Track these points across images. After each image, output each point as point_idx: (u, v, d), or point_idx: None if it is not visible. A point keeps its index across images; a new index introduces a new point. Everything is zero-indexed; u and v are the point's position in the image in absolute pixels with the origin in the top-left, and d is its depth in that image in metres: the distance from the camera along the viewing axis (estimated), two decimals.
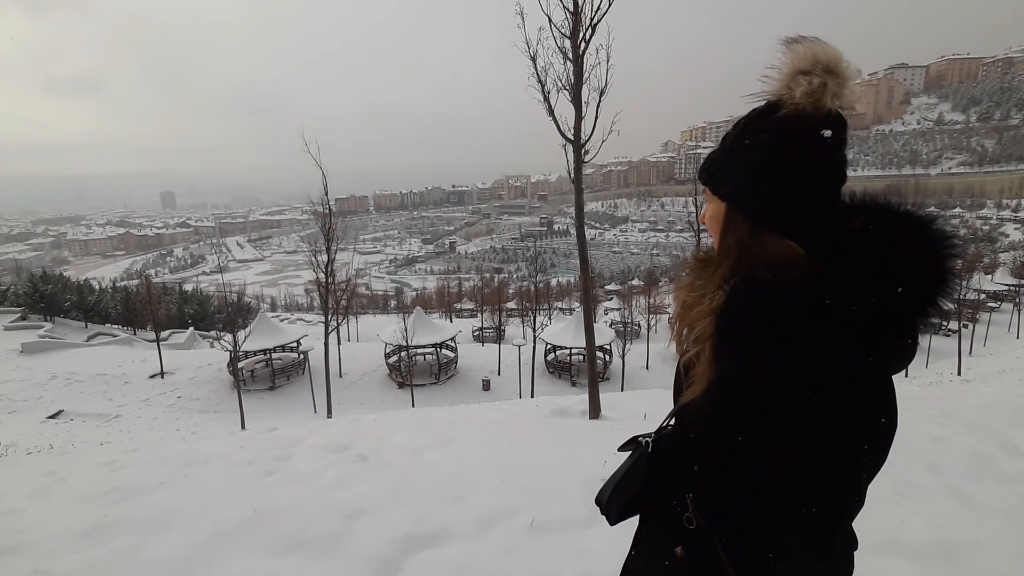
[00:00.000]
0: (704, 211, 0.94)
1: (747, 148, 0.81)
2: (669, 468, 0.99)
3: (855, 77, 0.76)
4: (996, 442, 4.33)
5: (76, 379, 20.64)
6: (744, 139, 0.82)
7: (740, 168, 0.82)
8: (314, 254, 15.13)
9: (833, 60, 0.75)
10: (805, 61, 0.75)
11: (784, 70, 0.77)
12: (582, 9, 5.28)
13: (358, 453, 4.26)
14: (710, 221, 0.91)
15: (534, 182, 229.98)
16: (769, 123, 0.78)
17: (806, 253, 0.76)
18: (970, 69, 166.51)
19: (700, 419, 0.88)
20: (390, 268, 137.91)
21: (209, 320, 40.35)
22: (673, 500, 0.95)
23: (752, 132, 0.81)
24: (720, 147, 0.88)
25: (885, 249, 0.72)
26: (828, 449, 0.72)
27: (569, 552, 2.49)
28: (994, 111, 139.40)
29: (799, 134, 0.76)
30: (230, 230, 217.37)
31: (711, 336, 0.83)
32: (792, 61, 0.76)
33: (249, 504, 3.07)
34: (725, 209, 0.87)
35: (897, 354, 0.75)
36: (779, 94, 0.77)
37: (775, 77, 0.78)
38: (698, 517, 0.89)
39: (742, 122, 0.84)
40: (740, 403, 0.79)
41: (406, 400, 19.53)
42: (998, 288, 38.59)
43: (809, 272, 0.74)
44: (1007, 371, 18.63)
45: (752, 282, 0.79)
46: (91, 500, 3.44)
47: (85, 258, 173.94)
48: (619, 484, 1.05)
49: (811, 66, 0.75)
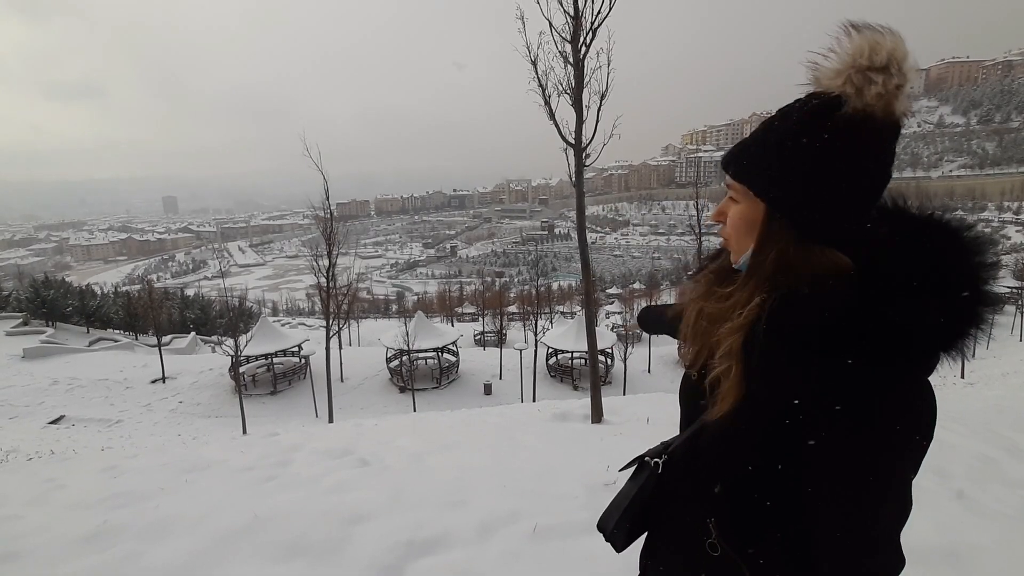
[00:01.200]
0: (718, 211, 0.83)
1: (805, 148, 0.70)
2: (684, 490, 0.90)
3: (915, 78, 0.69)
4: (1001, 446, 4.30)
5: (78, 384, 20.65)
6: (802, 137, 0.71)
7: (795, 169, 0.71)
8: (315, 258, 15.12)
9: (905, 58, 0.67)
10: (878, 56, 0.66)
11: (847, 61, 0.68)
12: (583, 13, 5.29)
13: (359, 458, 4.24)
14: (739, 223, 0.79)
15: (535, 186, 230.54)
16: (835, 123, 0.68)
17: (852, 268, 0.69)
18: (970, 72, 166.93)
19: (722, 441, 0.81)
20: (391, 272, 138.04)
21: (211, 325, 40.40)
22: (692, 526, 0.87)
23: (812, 130, 0.70)
24: (762, 140, 0.76)
25: (929, 262, 0.67)
26: (878, 482, 0.67)
27: (572, 558, 2.46)
28: (994, 114, 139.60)
29: (866, 140, 0.68)
30: (232, 235, 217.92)
31: (740, 353, 0.76)
32: (858, 52, 0.67)
33: (249, 510, 3.05)
34: (764, 212, 0.76)
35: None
36: (841, 89, 0.68)
37: (831, 68, 0.70)
38: (723, 543, 0.82)
39: (794, 116, 0.73)
40: (774, 428, 0.72)
41: (407, 404, 19.50)
42: (1001, 290, 38.49)
43: (856, 287, 0.67)
44: (1011, 374, 18.57)
45: (795, 298, 0.71)
46: (91, 506, 3.42)
47: (87, 263, 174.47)
48: (627, 508, 0.95)
49: (886, 63, 0.66)
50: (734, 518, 0.82)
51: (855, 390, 0.65)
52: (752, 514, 0.80)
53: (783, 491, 0.76)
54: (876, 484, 0.66)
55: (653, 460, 0.95)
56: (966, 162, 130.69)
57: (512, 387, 21.94)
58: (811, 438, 0.68)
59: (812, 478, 0.71)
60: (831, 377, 0.66)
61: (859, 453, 0.66)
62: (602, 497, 3.06)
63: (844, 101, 0.68)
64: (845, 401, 0.65)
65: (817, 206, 0.71)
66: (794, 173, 0.72)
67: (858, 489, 0.67)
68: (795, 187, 0.72)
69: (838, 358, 0.65)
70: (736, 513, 0.81)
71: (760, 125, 0.78)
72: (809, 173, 0.71)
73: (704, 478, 0.85)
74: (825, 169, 0.70)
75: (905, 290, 0.66)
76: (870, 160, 0.70)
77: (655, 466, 0.94)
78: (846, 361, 0.65)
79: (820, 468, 0.69)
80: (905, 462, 0.68)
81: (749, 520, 0.80)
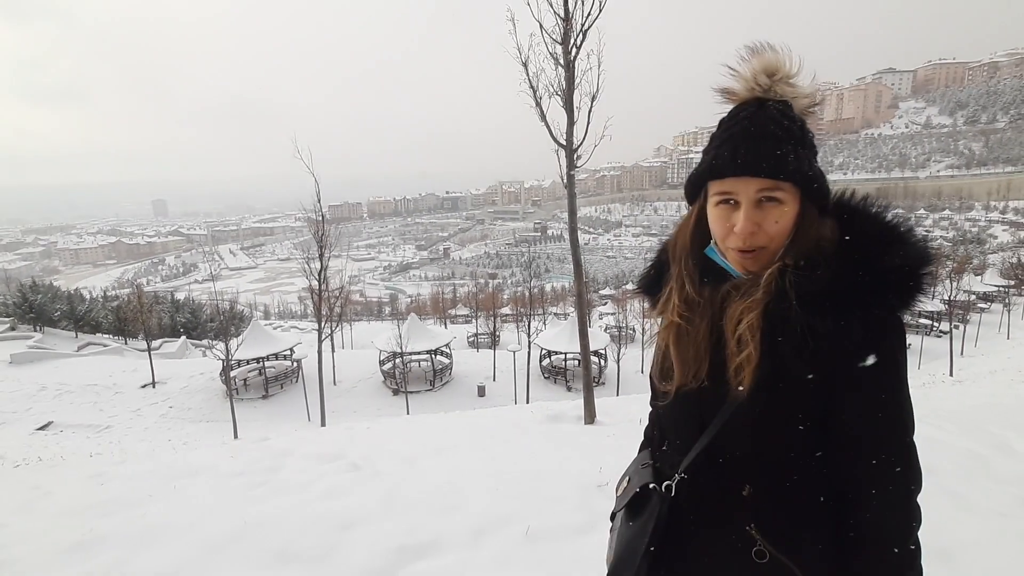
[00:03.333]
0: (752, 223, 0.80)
1: (801, 139, 0.82)
2: (709, 505, 0.86)
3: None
4: (990, 443, 4.33)
5: (66, 390, 20.38)
6: (807, 132, 0.84)
7: (809, 157, 0.82)
8: (307, 261, 15.03)
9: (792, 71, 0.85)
10: (786, 69, 0.83)
11: (751, 73, 0.83)
12: (573, 15, 5.30)
13: (351, 462, 4.21)
14: (788, 223, 0.81)
15: (528, 188, 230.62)
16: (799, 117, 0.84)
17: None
18: (956, 73, 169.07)
19: (751, 422, 0.81)
20: (384, 275, 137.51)
21: (202, 329, 40.08)
22: (729, 540, 0.83)
23: (799, 124, 0.83)
24: (783, 131, 0.80)
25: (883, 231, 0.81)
26: (901, 401, 0.79)
27: (565, 560, 2.45)
28: (980, 115, 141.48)
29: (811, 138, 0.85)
30: (223, 238, 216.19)
31: (760, 329, 0.79)
32: (767, 68, 0.83)
33: (239, 516, 3.01)
34: (800, 201, 0.81)
35: None
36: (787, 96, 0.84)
37: (743, 81, 0.85)
38: (769, 547, 0.79)
39: (779, 117, 0.81)
40: (801, 386, 0.78)
41: (401, 407, 19.41)
42: (988, 289, 38.98)
43: (840, 251, 0.79)
44: (998, 371, 18.75)
45: (796, 270, 0.78)
46: (77, 514, 3.37)
47: (76, 267, 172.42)
48: (645, 553, 0.87)
49: (791, 72, 0.84)
50: (775, 516, 0.81)
51: (877, 334, 0.76)
52: (792, 507, 0.81)
53: (817, 473, 0.81)
54: (904, 401, 0.79)
55: (664, 485, 0.90)
56: (953, 162, 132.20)
57: (506, 389, 21.91)
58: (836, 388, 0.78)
59: (851, 421, 0.79)
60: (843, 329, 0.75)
61: (892, 384, 0.78)
62: (595, 499, 3.05)
63: (789, 104, 0.83)
64: (872, 345, 0.76)
65: (823, 189, 0.82)
66: (810, 160, 0.82)
67: (894, 408, 0.78)
68: (819, 177, 0.82)
69: (844, 312, 0.75)
70: (776, 510, 0.81)
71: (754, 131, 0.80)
72: (812, 157, 0.83)
73: (730, 485, 0.84)
74: (814, 151, 0.83)
75: (880, 246, 0.77)
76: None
77: (667, 490, 0.89)
78: (849, 312, 0.74)
79: (859, 408, 0.78)
80: (907, 393, 0.81)
81: (790, 515, 0.81)
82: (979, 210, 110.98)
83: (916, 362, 26.12)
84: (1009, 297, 37.03)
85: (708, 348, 0.86)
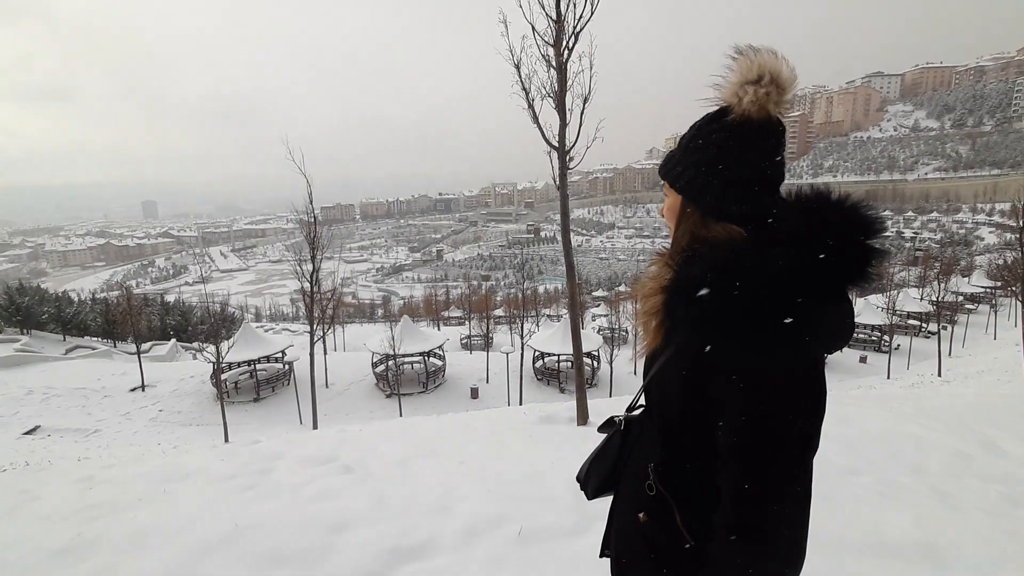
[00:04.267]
0: (663, 204, 1.05)
1: (700, 147, 0.91)
2: (639, 443, 1.08)
3: (795, 86, 0.86)
4: (976, 441, 4.39)
5: (54, 393, 20.12)
6: (698, 139, 0.92)
7: (693, 165, 0.92)
8: (299, 263, 14.94)
9: (776, 71, 0.85)
10: (752, 71, 0.85)
11: (734, 78, 0.87)
12: (565, 17, 5.31)
13: (343, 465, 4.19)
14: (668, 212, 1.01)
15: (521, 189, 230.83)
16: (719, 126, 0.88)
17: (746, 234, 0.87)
18: (943, 77, 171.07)
19: (656, 389, 0.99)
20: (377, 277, 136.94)
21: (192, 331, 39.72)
22: (638, 471, 1.04)
23: (704, 133, 0.91)
24: (677, 147, 0.98)
25: (814, 228, 0.81)
26: (759, 409, 0.78)
27: (557, 561, 2.46)
28: (967, 118, 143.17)
29: (745, 136, 0.86)
30: (213, 240, 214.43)
31: (659, 311, 0.94)
32: (741, 71, 0.86)
33: (230, 520, 2.99)
34: (680, 201, 0.96)
35: (824, 324, 0.82)
36: (728, 100, 0.88)
37: (725, 85, 0.88)
38: (658, 484, 0.97)
39: (696, 124, 0.94)
40: (684, 369, 0.88)
41: (394, 409, 19.34)
42: (975, 290, 39.46)
43: (740, 246, 0.84)
44: (985, 371, 19.00)
45: (691, 257, 0.90)
46: (65, 518, 3.33)
47: (63, 269, 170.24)
48: (595, 461, 1.17)
49: (758, 76, 0.85)
50: (669, 464, 0.97)
51: (732, 325, 0.80)
52: (683, 461, 0.95)
53: (708, 439, 0.88)
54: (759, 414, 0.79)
55: (618, 419, 1.16)
56: (941, 165, 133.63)
57: (499, 390, 21.90)
58: (706, 374, 0.84)
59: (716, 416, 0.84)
60: (710, 317, 0.82)
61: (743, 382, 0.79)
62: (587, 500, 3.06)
63: (729, 109, 0.87)
64: (725, 335, 0.81)
65: (712, 191, 0.90)
66: (693, 167, 0.92)
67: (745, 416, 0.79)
68: (695, 177, 0.91)
69: (717, 301, 0.81)
70: (671, 459, 0.97)
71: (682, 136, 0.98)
72: (705, 166, 0.89)
73: (652, 431, 1.03)
74: (715, 161, 0.88)
75: (783, 245, 0.80)
76: (751, 152, 0.87)
77: (619, 423, 1.15)
78: (723, 302, 0.80)
79: (718, 404, 0.83)
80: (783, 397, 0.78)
81: (681, 466, 0.96)
82: (966, 212, 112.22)
83: (905, 363, 26.39)
84: (995, 298, 37.50)
85: None
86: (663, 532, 0.97)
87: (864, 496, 3.16)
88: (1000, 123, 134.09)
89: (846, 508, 2.98)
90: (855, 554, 2.50)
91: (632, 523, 1.03)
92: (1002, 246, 63.13)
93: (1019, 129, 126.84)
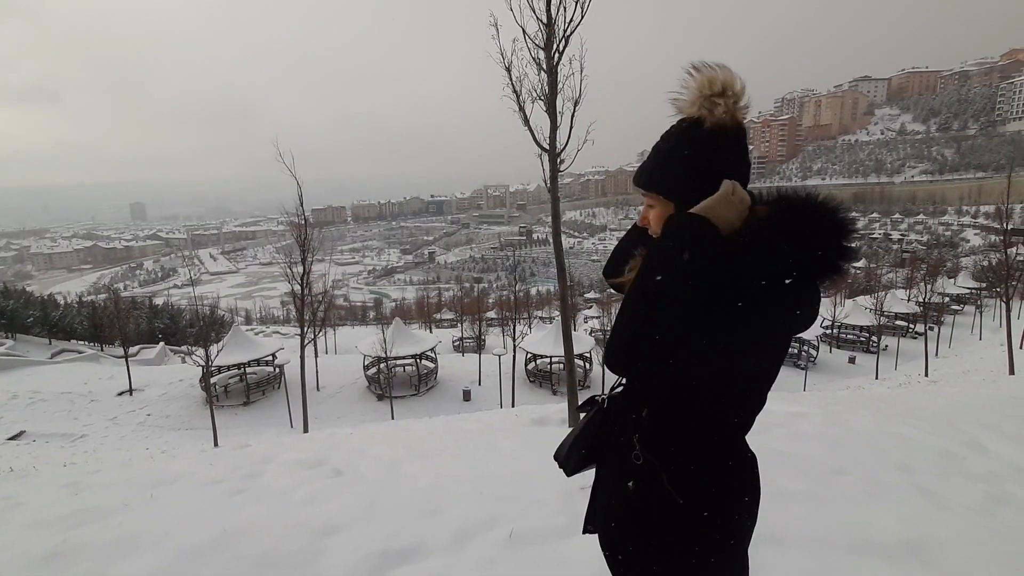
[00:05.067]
0: (642, 217, 1.12)
1: (686, 157, 1.00)
2: (621, 417, 1.15)
3: (747, 95, 0.99)
4: (962, 441, 4.45)
5: (39, 398, 19.82)
6: (683, 150, 1.01)
7: (684, 173, 1.01)
8: (290, 265, 14.85)
9: (732, 82, 0.97)
10: (716, 85, 0.96)
11: (694, 92, 0.98)
12: (555, 21, 5.34)
13: (333, 468, 4.16)
14: (655, 220, 1.08)
15: (513, 192, 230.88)
16: (699, 135, 0.99)
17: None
18: (929, 81, 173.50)
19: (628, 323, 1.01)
20: (369, 279, 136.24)
21: (181, 335, 39.32)
22: (623, 443, 1.12)
23: (687, 143, 1.00)
24: (655, 158, 1.06)
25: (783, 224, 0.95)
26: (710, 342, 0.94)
27: (548, 563, 2.46)
28: (952, 122, 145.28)
29: (726, 142, 0.99)
30: (203, 242, 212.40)
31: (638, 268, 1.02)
32: (700, 85, 0.97)
33: (218, 524, 2.96)
34: (672, 208, 1.03)
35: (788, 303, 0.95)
36: (697, 113, 0.99)
37: (686, 98, 1.00)
38: (644, 453, 1.06)
39: (672, 136, 1.03)
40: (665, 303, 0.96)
41: (385, 412, 19.26)
42: (961, 291, 40.00)
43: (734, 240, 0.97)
44: (971, 371, 19.26)
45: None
46: (50, 524, 3.27)
47: (50, 272, 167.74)
48: (578, 437, 1.24)
49: (722, 89, 0.96)
50: (654, 432, 1.06)
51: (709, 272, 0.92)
52: (667, 428, 1.05)
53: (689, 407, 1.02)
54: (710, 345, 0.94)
55: (601, 398, 1.26)
56: (927, 168, 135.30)
57: (491, 393, 21.87)
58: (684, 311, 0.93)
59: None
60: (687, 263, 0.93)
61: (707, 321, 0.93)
62: (578, 501, 3.06)
63: (703, 120, 0.98)
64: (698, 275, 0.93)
65: (703, 194, 0.99)
66: (685, 175, 1.01)
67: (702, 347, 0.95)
68: (688, 184, 1.00)
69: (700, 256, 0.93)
70: (655, 428, 1.06)
71: (652, 149, 1.08)
72: (697, 172, 0.99)
73: (634, 405, 1.11)
74: (704, 168, 0.99)
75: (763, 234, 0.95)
76: (731, 155, 1.00)
77: (602, 402, 1.25)
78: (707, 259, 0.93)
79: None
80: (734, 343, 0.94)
81: (665, 433, 1.05)
82: (952, 214, 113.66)
83: (893, 363, 26.70)
84: (981, 299, 38.07)
85: None
86: (652, 496, 1.05)
87: (851, 495, 3.19)
88: (984, 127, 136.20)
89: (834, 508, 3.01)
90: (842, 553, 2.52)
91: (620, 493, 1.10)
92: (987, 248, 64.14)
93: (1003, 133, 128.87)
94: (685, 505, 1.02)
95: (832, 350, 30.46)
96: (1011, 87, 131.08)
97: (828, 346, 30.56)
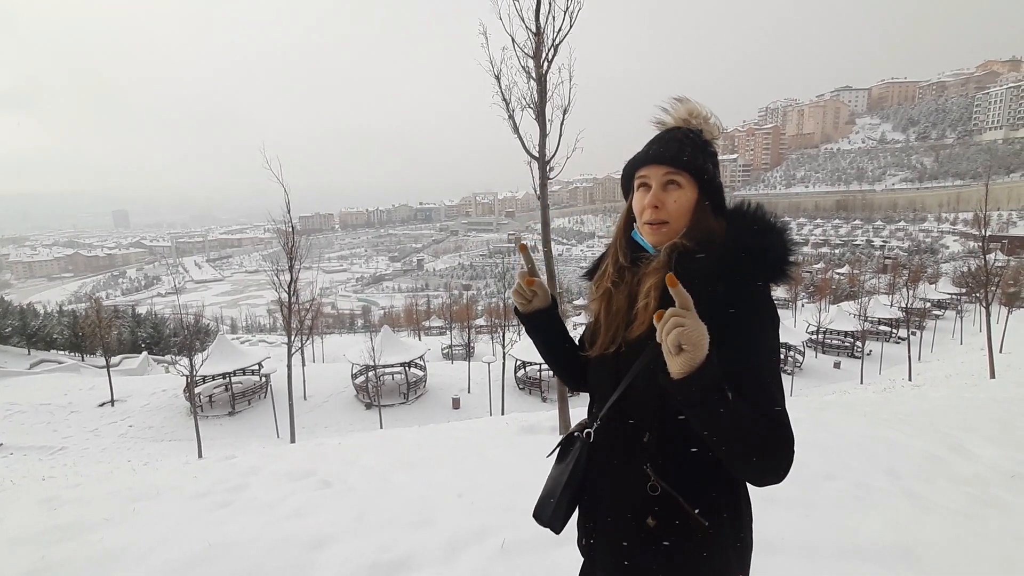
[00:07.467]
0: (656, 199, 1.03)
1: (712, 154, 1.08)
2: (617, 449, 1.06)
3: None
4: (947, 444, 4.51)
5: (17, 410, 19.33)
6: (709, 147, 1.08)
7: (710, 164, 1.06)
8: (276, 273, 14.69)
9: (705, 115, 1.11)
10: (701, 110, 1.10)
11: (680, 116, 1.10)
12: (544, 30, 5.38)
13: (321, 479, 4.10)
14: (684, 205, 1.03)
15: (501, 199, 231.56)
16: (713, 148, 1.09)
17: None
18: (908, 92, 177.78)
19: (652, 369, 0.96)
20: (357, 286, 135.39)
21: (164, 344, 38.72)
22: (631, 476, 1.02)
23: (708, 144, 1.08)
24: (686, 141, 1.06)
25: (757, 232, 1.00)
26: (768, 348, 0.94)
27: (541, 573, 2.44)
28: (930, 131, 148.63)
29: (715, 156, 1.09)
30: (188, 249, 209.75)
31: (656, 292, 1.00)
32: (688, 113, 1.09)
33: (203, 538, 2.90)
34: (698, 195, 1.04)
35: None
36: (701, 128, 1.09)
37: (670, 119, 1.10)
38: (660, 482, 0.98)
39: (696, 136, 1.08)
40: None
41: (374, 421, 19.07)
42: (942, 297, 40.74)
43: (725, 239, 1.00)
44: (953, 375, 19.59)
45: (686, 248, 1.00)
46: (28, 541, 3.18)
47: (29, 281, 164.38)
48: (564, 487, 1.08)
49: (704, 115, 1.10)
50: (667, 458, 0.99)
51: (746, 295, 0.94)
52: (680, 451, 0.98)
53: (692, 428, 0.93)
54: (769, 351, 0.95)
55: (584, 432, 1.11)
56: (907, 176, 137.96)
57: (481, 400, 21.77)
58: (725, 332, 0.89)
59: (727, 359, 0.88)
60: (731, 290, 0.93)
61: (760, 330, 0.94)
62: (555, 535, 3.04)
63: (713, 137, 1.09)
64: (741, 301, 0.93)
65: (717, 187, 1.05)
66: (711, 166, 1.05)
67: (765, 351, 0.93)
68: (712, 170, 1.05)
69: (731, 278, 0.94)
70: (667, 453, 0.99)
71: (666, 138, 1.07)
72: (715, 167, 1.06)
73: (635, 433, 1.02)
74: (717, 166, 1.07)
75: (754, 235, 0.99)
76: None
77: (587, 436, 1.10)
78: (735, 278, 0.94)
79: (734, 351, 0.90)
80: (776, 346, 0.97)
81: (677, 457, 0.99)
82: (932, 221, 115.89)
83: (877, 368, 27.06)
84: (961, 304, 38.80)
85: (626, 315, 1.08)
86: (679, 528, 0.97)
87: (840, 500, 3.22)
88: (961, 136, 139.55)
89: (823, 512, 3.03)
90: (831, 557, 2.53)
91: (639, 532, 1.00)
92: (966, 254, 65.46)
93: (979, 142, 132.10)
94: (714, 532, 0.97)
95: (817, 355, 30.79)
96: (986, 97, 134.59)
97: (814, 351, 30.88)
